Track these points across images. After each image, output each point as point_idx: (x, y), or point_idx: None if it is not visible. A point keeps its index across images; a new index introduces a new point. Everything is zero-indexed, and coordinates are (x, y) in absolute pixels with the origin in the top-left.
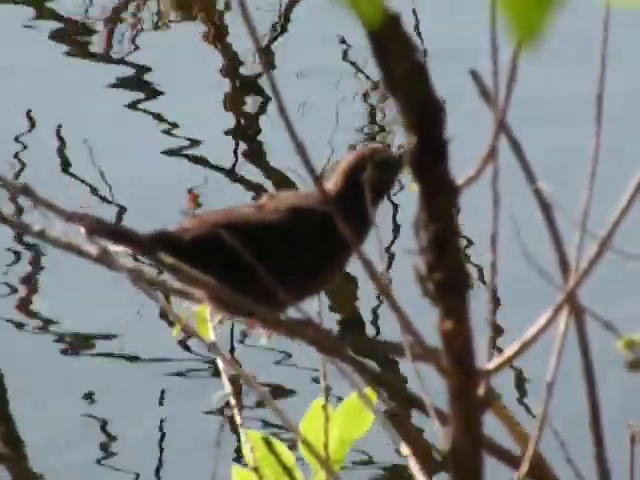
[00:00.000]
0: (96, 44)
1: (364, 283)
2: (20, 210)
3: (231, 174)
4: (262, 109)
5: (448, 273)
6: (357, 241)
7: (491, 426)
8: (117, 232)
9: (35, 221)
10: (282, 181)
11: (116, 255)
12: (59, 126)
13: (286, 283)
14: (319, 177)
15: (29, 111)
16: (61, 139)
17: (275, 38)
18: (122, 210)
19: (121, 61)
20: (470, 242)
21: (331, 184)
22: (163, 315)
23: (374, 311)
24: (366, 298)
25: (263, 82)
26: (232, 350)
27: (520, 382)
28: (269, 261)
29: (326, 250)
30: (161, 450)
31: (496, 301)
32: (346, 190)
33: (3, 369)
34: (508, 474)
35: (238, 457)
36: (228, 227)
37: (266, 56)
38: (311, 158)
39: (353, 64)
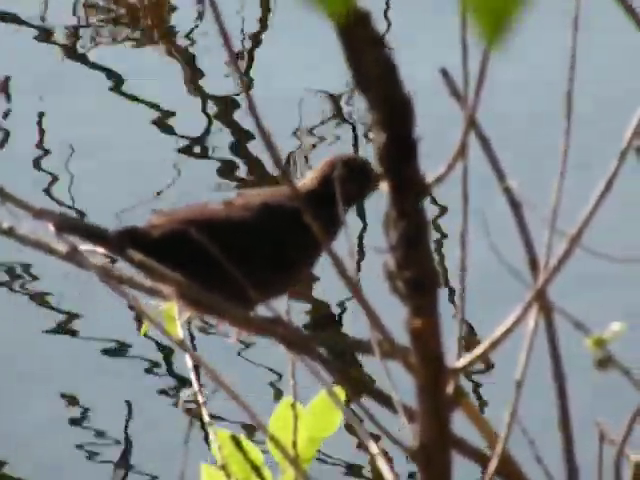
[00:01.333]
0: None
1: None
2: None
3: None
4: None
5: (417, 271)
6: (327, 238)
7: (460, 424)
8: (85, 229)
9: (3, 218)
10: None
11: (86, 253)
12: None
13: (255, 280)
14: (287, 171)
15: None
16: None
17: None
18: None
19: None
20: (441, 240)
21: (303, 183)
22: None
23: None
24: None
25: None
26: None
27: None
28: (239, 258)
29: (296, 247)
30: (130, 447)
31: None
32: (318, 191)
33: None
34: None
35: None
36: (197, 224)
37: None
38: (280, 153)
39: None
